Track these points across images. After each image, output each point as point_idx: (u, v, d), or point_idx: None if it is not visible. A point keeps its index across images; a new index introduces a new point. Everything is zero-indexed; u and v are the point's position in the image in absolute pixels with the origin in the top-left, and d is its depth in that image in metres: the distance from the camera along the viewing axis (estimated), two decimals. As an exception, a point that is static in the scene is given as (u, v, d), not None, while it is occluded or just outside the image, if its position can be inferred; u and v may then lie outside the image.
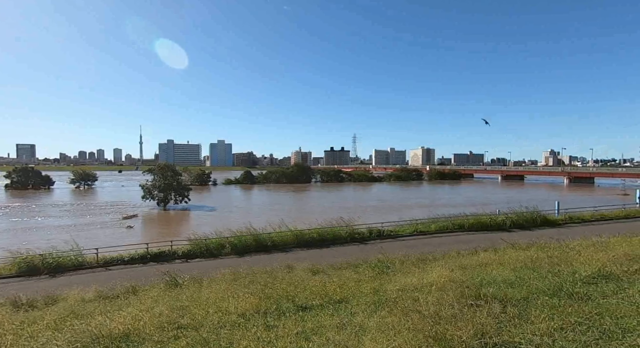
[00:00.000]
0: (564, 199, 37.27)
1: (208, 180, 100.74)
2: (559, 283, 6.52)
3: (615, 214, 27.24)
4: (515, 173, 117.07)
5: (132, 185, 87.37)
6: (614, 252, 9.39)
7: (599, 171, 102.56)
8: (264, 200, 66.11)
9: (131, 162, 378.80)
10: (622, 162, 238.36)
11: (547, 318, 4.65)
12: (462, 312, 5.17)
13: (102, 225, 36.66)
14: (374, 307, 6.12)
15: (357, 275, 9.92)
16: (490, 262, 10.01)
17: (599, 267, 7.60)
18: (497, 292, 6.25)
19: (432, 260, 11.96)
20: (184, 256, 18.57)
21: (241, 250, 19.07)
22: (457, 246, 16.12)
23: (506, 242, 15.07)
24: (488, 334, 4.23)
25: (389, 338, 4.43)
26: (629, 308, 4.93)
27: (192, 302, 7.88)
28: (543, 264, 8.79)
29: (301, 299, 7.42)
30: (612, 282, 6.49)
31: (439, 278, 7.76)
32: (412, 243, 19.69)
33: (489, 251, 13.27)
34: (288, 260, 15.38)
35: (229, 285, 9.44)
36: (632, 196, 35.88)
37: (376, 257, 12.82)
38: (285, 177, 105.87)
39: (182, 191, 52.82)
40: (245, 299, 7.39)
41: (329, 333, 4.99)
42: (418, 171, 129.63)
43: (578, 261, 8.69)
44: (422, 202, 58.29)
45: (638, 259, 8.24)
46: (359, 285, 8.39)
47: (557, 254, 10.28)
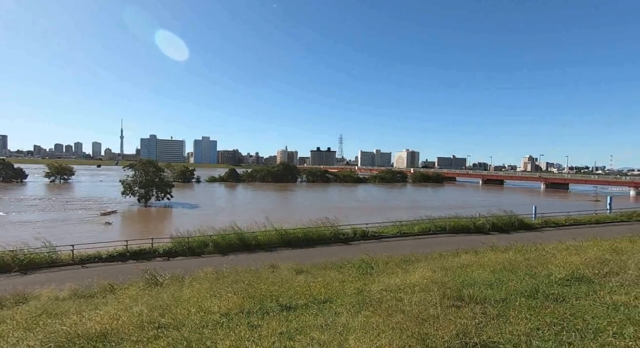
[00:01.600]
0: (540, 204, 38.67)
1: (191, 177, 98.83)
2: (535, 285, 6.75)
3: (587, 219, 28.48)
4: (496, 177, 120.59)
5: (111, 181, 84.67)
6: (587, 256, 9.80)
7: (573, 178, 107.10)
8: (249, 199, 65.42)
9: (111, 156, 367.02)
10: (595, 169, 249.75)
11: (525, 319, 4.81)
12: (444, 312, 5.27)
13: (79, 221, 35.32)
14: (358, 307, 6.16)
15: (341, 275, 9.96)
16: (470, 264, 10.26)
17: (572, 270, 7.93)
18: (478, 293, 6.41)
19: (415, 261, 12.15)
20: (165, 254, 18.15)
21: (225, 248, 18.80)
22: (440, 248, 16.45)
23: (486, 244, 15.51)
24: (469, 334, 4.33)
25: (373, 338, 4.47)
26: (600, 309, 5.16)
27: (173, 301, 7.70)
28: (521, 266, 9.09)
29: (285, 299, 7.39)
30: (585, 284, 6.78)
31: (422, 279, 7.89)
32: (395, 245, 19.95)
33: (470, 253, 13.61)
34: (272, 259, 15.28)
35: (212, 284, 9.29)
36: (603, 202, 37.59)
37: (360, 258, 12.91)
38: (271, 176, 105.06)
39: (164, 188, 51.61)
40: (228, 298, 7.29)
41: (313, 333, 4.98)
42: (402, 173, 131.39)
43: (553, 264, 9.02)
44: (406, 203, 59.14)
45: (608, 262, 8.63)
46: (343, 285, 8.43)
47: (533, 257, 10.65)
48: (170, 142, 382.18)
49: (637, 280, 6.74)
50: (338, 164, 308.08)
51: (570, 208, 32.54)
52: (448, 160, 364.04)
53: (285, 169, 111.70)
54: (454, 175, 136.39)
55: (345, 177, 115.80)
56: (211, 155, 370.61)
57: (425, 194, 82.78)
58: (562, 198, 69.04)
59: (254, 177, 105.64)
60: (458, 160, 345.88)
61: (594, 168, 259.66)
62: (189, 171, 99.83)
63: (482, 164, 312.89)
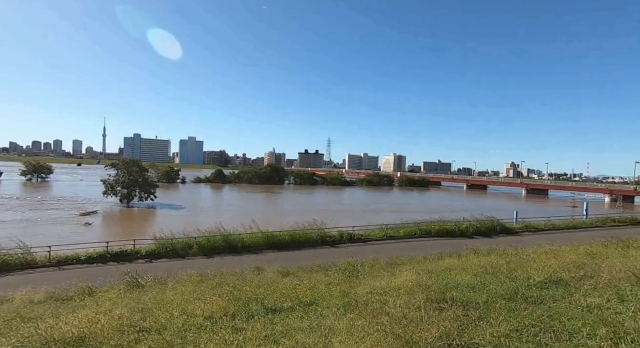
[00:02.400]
0: (521, 209, 39.77)
1: (176, 178, 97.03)
2: (515, 288, 6.95)
3: (565, 224, 29.48)
4: (479, 182, 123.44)
5: (92, 180, 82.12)
6: (564, 259, 10.16)
7: (552, 184, 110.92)
8: (235, 200, 64.71)
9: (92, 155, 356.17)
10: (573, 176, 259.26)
11: (505, 321, 4.94)
12: (428, 314, 5.36)
13: (57, 221, 34.10)
14: (344, 310, 6.19)
15: (327, 278, 9.98)
16: (454, 267, 10.46)
17: (550, 273, 8.20)
18: (460, 295, 6.55)
19: (400, 264, 12.29)
20: (147, 256, 17.71)
21: (209, 250, 18.51)
22: (424, 251, 16.70)
23: (469, 248, 15.83)
24: (451, 336, 4.42)
25: (357, 340, 4.50)
26: (575, 311, 5.36)
27: (155, 304, 7.54)
28: (502, 270, 9.33)
29: (271, 301, 7.35)
30: (562, 287, 7.02)
31: (407, 282, 8.00)
32: (381, 248, 20.10)
33: (453, 256, 13.88)
34: (258, 261, 15.15)
35: (196, 287, 9.14)
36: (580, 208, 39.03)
37: (346, 260, 12.97)
38: (258, 178, 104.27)
39: (147, 188, 50.46)
40: (212, 301, 7.19)
41: (298, 336, 4.98)
42: (389, 177, 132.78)
43: (532, 267, 9.30)
44: (392, 207, 59.74)
45: (583, 266, 8.97)
46: (329, 288, 8.45)
47: (514, 260, 10.95)
48: (155, 141, 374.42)
49: (610, 283, 7.03)
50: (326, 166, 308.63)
51: (549, 214, 33.62)
52: (434, 164, 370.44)
53: (272, 171, 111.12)
54: (439, 179, 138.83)
55: (333, 179, 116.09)
56: (197, 156, 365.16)
57: (411, 198, 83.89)
58: (542, 204, 71.27)
59: (240, 178, 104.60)
60: (443, 165, 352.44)
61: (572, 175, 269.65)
62: (174, 171, 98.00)
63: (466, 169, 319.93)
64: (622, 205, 64.30)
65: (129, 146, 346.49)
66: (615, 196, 79.35)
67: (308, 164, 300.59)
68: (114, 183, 49.07)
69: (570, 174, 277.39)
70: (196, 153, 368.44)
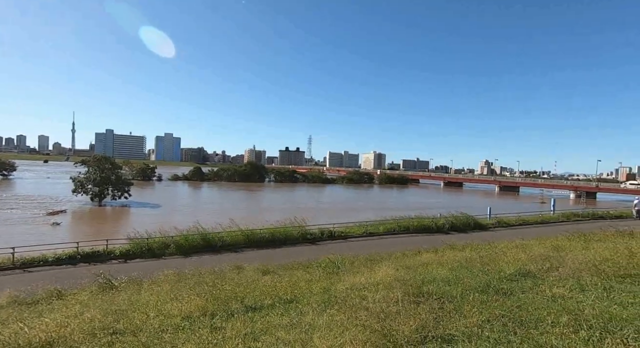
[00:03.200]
0: (494, 205, 41.52)
1: (152, 176, 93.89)
2: (487, 281, 7.25)
3: (534, 219, 31.02)
4: (456, 180, 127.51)
5: (60, 178, 77.99)
6: (532, 253, 10.69)
7: (523, 181, 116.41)
8: (215, 199, 63.49)
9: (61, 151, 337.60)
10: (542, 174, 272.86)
11: (478, 312, 5.16)
12: (406, 308, 5.50)
13: (21, 221, 32.18)
14: (324, 306, 6.24)
15: (308, 275, 10.01)
16: (431, 262, 10.77)
17: (520, 266, 8.60)
18: (437, 289, 6.76)
19: (380, 260, 12.51)
20: (121, 256, 17.08)
21: (187, 250, 18.09)
22: (403, 247, 17.07)
23: (445, 243, 16.35)
24: (427, 328, 4.57)
25: (337, 335, 4.56)
26: (541, 301, 5.67)
27: (130, 306, 7.30)
28: (476, 264, 9.69)
29: (251, 300, 7.30)
30: (530, 279, 7.39)
31: (386, 277, 8.16)
32: (361, 244, 20.39)
33: (431, 252, 14.28)
34: (238, 260, 14.98)
35: (173, 287, 8.93)
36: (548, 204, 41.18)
37: (327, 257, 13.06)
38: (238, 176, 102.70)
39: (121, 186, 48.53)
40: (190, 301, 7.06)
41: (278, 333, 4.98)
42: (370, 174, 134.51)
43: (504, 261, 9.72)
44: (372, 204, 60.61)
45: (549, 259, 9.48)
46: (310, 285, 8.49)
47: (487, 254, 11.41)
48: (128, 137, 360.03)
49: (573, 274, 7.48)
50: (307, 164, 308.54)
51: (520, 209, 35.26)
52: (412, 162, 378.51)
53: (252, 169, 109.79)
54: (417, 177, 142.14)
55: (314, 177, 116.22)
56: (174, 153, 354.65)
57: (390, 195, 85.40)
58: (514, 200, 74.59)
59: (220, 176, 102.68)
60: (422, 163, 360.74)
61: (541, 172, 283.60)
62: (149, 169, 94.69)
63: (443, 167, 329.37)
64: (586, 201, 68.43)
65: (101, 142, 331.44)
66: (579, 192, 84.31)
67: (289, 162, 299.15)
68: (84, 181, 46.85)
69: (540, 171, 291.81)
70: (173, 150, 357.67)
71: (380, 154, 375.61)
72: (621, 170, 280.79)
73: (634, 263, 8.30)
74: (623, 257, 9.14)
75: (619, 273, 7.28)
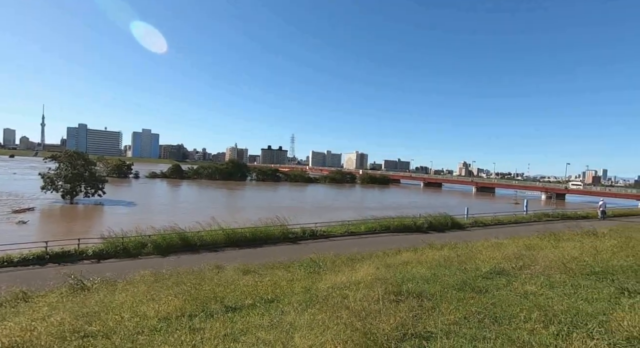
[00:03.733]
0: (471, 205, 42.82)
1: (129, 173, 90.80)
2: (465, 279, 7.46)
3: (508, 219, 32.23)
4: (435, 180, 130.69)
5: (28, 174, 73.95)
6: (506, 251, 11.10)
7: (499, 182, 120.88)
8: (195, 197, 62.07)
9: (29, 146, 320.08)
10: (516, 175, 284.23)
11: (455, 310, 5.30)
12: (386, 306, 5.58)
13: (-16, 219, 30.25)
14: (305, 305, 6.23)
15: (289, 275, 9.96)
16: (411, 261, 10.97)
17: (495, 264, 8.92)
18: (416, 287, 6.89)
19: (361, 259, 12.63)
20: (94, 256, 16.37)
21: (165, 249, 17.57)
22: (384, 246, 17.30)
23: (425, 242, 16.70)
24: (407, 326, 4.65)
25: (318, 334, 4.56)
26: (514, 298, 5.90)
27: (103, 308, 7.01)
28: (453, 262, 9.96)
29: (231, 300, 7.18)
30: (504, 277, 7.67)
31: (367, 276, 8.24)
32: (343, 243, 20.51)
33: (410, 251, 14.54)
34: (218, 259, 14.70)
35: (150, 288, 8.65)
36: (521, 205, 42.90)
37: (309, 257, 13.04)
38: (219, 174, 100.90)
39: (95, 183, 46.58)
40: (168, 302, 6.87)
41: (259, 333, 4.93)
42: (352, 174, 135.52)
43: (480, 259, 10.05)
44: (354, 204, 61.11)
45: (522, 257, 9.88)
46: (291, 284, 8.45)
47: (464, 253, 11.75)
48: (103, 133, 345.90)
49: (543, 272, 7.83)
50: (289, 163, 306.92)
51: (495, 210, 36.55)
52: (394, 163, 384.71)
53: (234, 167, 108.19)
54: (399, 177, 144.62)
55: (296, 176, 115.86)
56: (152, 150, 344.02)
57: (372, 195, 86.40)
58: (489, 201, 77.24)
59: (200, 174, 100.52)
60: (403, 164, 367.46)
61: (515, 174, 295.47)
62: (125, 165, 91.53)
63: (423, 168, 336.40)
64: (555, 202, 71.88)
65: (73, 137, 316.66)
66: (550, 194, 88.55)
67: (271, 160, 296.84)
68: (54, 177, 44.61)
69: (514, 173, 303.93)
70: (151, 147, 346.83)
71: (362, 154, 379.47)
72: (587, 173, 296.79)
73: (599, 261, 8.79)
74: (589, 255, 9.66)
75: (585, 271, 7.69)
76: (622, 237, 13.55)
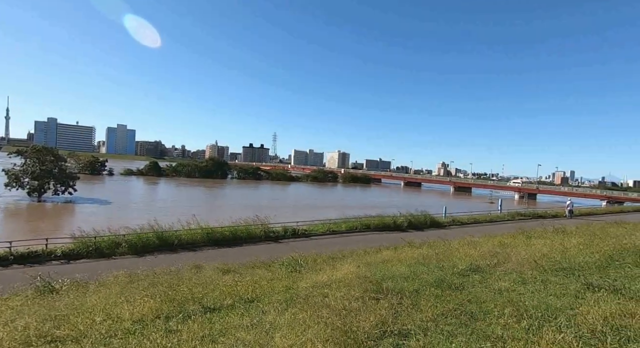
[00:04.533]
0: (449, 204, 43.99)
1: (102, 170, 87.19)
2: (442, 276, 7.65)
3: (484, 218, 33.37)
4: (415, 180, 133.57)
5: (-9, 169, 69.35)
6: (482, 249, 11.49)
7: (475, 182, 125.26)
8: (173, 195, 60.42)
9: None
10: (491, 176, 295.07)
11: (433, 307, 5.42)
12: (366, 304, 5.63)
13: (-60, 218, 28.17)
14: (286, 305, 6.19)
15: (270, 274, 9.88)
16: (390, 259, 11.14)
17: (471, 262, 9.20)
18: (395, 285, 7.00)
19: (342, 258, 12.69)
20: (64, 257, 15.58)
21: (141, 249, 16.97)
22: (365, 244, 17.49)
23: (404, 241, 17.00)
24: (386, 323, 4.71)
25: (299, 333, 4.54)
26: (489, 295, 6.11)
27: (72, 310, 6.69)
28: (432, 260, 10.19)
29: (210, 300, 7.03)
30: (479, 274, 7.93)
31: (347, 274, 8.29)
32: (324, 242, 20.56)
33: (390, 249, 14.76)
34: (197, 259, 14.38)
35: (124, 289, 8.34)
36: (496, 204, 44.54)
37: (290, 256, 12.98)
38: (199, 171, 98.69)
39: (65, 180, 44.40)
40: (143, 303, 6.63)
41: (238, 334, 4.85)
42: (334, 173, 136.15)
43: (457, 257, 10.34)
44: (336, 202, 61.40)
45: (496, 255, 10.25)
46: (272, 284, 8.38)
47: (442, 251, 12.05)
48: (75, 128, 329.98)
49: (516, 269, 8.16)
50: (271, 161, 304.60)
51: (472, 209, 37.77)
52: (375, 162, 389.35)
53: (214, 165, 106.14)
54: (380, 176, 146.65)
55: (278, 175, 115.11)
56: (128, 146, 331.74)
57: (354, 194, 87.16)
58: (466, 200, 79.72)
59: (179, 171, 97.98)
60: (384, 163, 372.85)
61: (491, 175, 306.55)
62: (99, 162, 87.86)
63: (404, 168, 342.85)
64: (528, 201, 75.18)
65: (42, 132, 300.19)
66: (523, 193, 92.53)
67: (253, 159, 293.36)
68: (20, 173, 42.15)
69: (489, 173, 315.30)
70: (126, 143, 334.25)
71: (344, 153, 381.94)
72: (557, 174, 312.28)
73: (567, 258, 9.25)
74: (558, 252, 10.15)
75: (554, 267, 8.07)
76: (587, 235, 14.32)
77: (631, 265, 8.00)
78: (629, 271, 7.46)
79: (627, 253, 9.53)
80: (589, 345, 3.80)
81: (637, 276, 6.99)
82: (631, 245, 10.79)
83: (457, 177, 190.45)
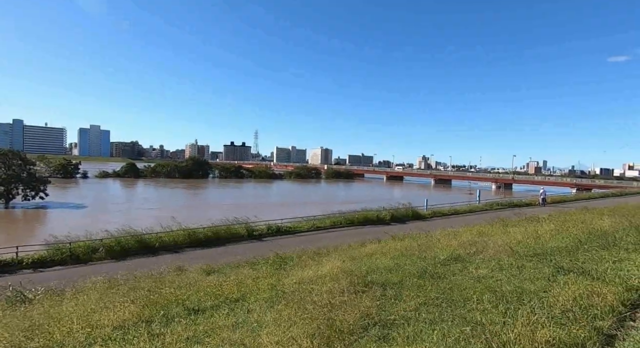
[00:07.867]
0: (430, 196, 45.07)
1: (75, 172, 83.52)
2: (424, 267, 7.86)
3: (463, 209, 34.37)
4: (397, 174, 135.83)
5: (-48, 175, 64.83)
6: (461, 239, 11.86)
7: (455, 174, 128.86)
8: (153, 197, 58.70)
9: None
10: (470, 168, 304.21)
11: (415, 296, 5.57)
12: (351, 298, 5.72)
13: None
14: (272, 302, 6.19)
15: (255, 272, 9.82)
16: (375, 252, 11.32)
17: (451, 251, 9.49)
18: (379, 278, 7.14)
19: (327, 253, 12.77)
20: (36, 264, 14.86)
21: (120, 253, 16.43)
22: (349, 239, 17.66)
23: (388, 234, 17.29)
24: (371, 315, 4.81)
25: (285, 330, 4.56)
26: (469, 282, 6.34)
27: (48, 319, 6.41)
28: (414, 251, 10.44)
29: (194, 302, 6.93)
30: (459, 263, 8.20)
31: (332, 269, 8.37)
32: (309, 238, 20.60)
33: (374, 243, 14.98)
34: (179, 261, 14.07)
35: (103, 295, 8.07)
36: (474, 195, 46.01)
37: (275, 253, 12.95)
38: (179, 172, 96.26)
39: (35, 184, 42.23)
40: (124, 308, 6.45)
41: (223, 334, 4.82)
42: (317, 170, 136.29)
43: (438, 247, 10.64)
44: (320, 198, 61.58)
45: (475, 244, 10.62)
46: (257, 282, 8.34)
47: (424, 243, 12.36)
48: (44, 129, 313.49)
49: (494, 256, 8.50)
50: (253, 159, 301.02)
51: (452, 200, 38.83)
52: (357, 157, 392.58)
53: (195, 164, 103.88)
54: (362, 172, 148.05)
55: (261, 173, 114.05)
56: (102, 148, 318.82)
57: (337, 189, 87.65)
58: (447, 192, 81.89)
59: (158, 172, 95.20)
60: (366, 158, 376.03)
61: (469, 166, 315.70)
62: (71, 165, 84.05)
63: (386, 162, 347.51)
64: (504, 191, 78.07)
65: (6, 134, 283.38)
66: (499, 184, 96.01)
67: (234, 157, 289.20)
68: (-16, 179, 39.76)
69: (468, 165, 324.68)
70: (101, 144, 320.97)
71: (327, 149, 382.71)
72: (530, 164, 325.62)
73: (540, 244, 9.71)
74: (532, 239, 10.64)
75: (528, 253, 8.46)
76: (558, 222, 15.07)
77: (598, 248, 8.50)
78: (595, 254, 7.92)
79: (594, 237, 10.11)
80: (560, 325, 4.03)
81: (604, 258, 7.43)
82: (598, 229, 11.45)
83: (437, 170, 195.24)
